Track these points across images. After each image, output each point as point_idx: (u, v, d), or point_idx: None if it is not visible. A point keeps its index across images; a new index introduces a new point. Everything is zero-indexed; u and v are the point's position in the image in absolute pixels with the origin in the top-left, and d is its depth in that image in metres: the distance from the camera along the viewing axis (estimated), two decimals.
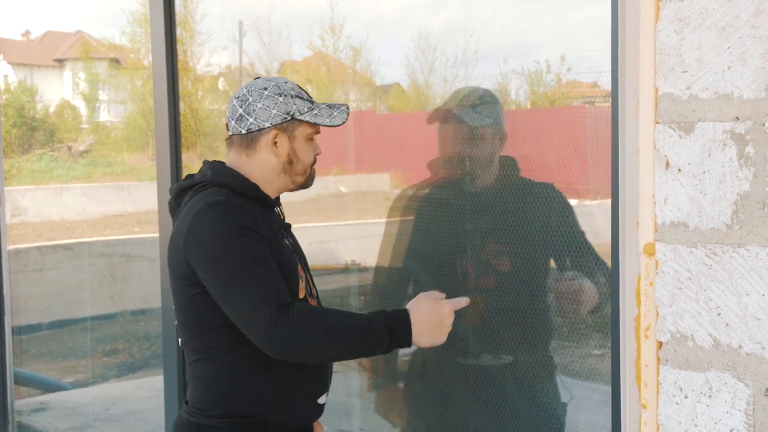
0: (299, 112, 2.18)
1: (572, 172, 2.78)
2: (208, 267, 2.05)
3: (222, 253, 2.04)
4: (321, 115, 2.19)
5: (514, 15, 2.91)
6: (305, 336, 1.98)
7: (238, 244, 2.03)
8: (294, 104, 2.18)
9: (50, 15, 5.53)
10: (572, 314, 2.46)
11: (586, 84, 2.78)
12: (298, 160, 2.22)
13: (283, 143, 2.19)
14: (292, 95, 2.19)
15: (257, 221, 2.08)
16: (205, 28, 4.05)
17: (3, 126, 5.00)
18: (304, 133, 2.21)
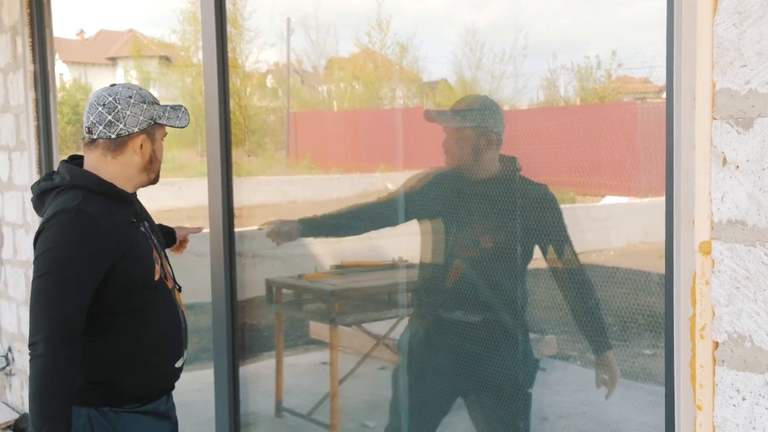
0: (159, 117, 2.48)
1: (623, 169, 2.75)
2: (35, 266, 2.34)
3: (45, 259, 2.31)
4: (171, 117, 2.50)
5: (563, 10, 2.88)
6: (39, 366, 2.25)
7: (70, 257, 2.29)
8: (154, 110, 2.47)
9: (103, 15, 5.62)
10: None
11: (638, 79, 2.73)
12: (156, 160, 2.53)
13: (147, 146, 2.48)
14: (151, 102, 2.47)
15: (104, 227, 2.33)
16: (254, 26, 4.07)
17: (59, 123, 5.10)
18: (161, 135, 2.53)
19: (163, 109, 2.49)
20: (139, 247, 2.46)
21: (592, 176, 2.85)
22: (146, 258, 2.48)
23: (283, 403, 4.04)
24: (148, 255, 2.49)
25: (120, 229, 2.41)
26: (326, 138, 4.04)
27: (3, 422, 5.34)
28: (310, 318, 4.06)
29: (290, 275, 3.89)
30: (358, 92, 3.99)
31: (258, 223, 3.58)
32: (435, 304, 3.13)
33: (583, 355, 2.93)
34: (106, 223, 2.36)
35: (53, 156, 5.02)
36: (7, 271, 5.54)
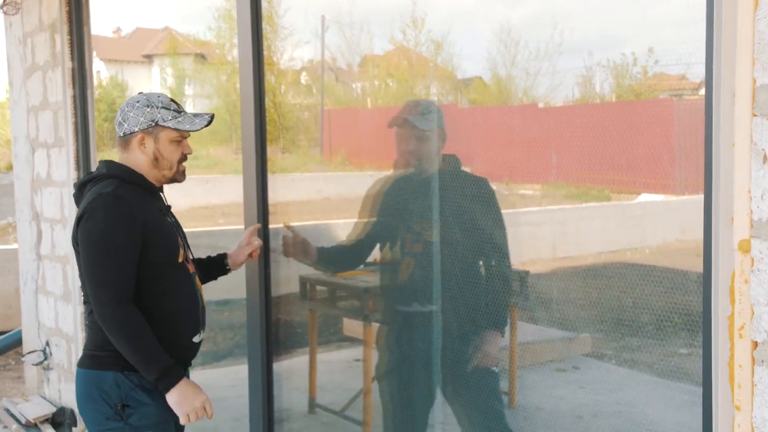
0: (163, 120, 2.81)
1: (660, 167, 2.73)
2: (83, 245, 2.73)
3: (95, 237, 2.70)
4: (183, 122, 2.82)
5: (599, 6, 2.86)
6: (117, 328, 2.68)
7: (111, 233, 2.69)
8: (159, 113, 2.81)
9: (140, 13, 5.68)
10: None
11: (674, 76, 2.71)
12: (163, 158, 2.84)
13: (149, 143, 2.83)
14: (158, 106, 2.82)
15: (135, 208, 2.73)
16: (288, 23, 4.09)
17: (95, 120, 5.16)
18: (168, 137, 2.83)
19: (175, 114, 2.82)
20: (167, 230, 2.85)
21: (627, 174, 2.84)
22: (172, 240, 2.85)
23: (317, 399, 4.05)
24: (174, 239, 2.86)
25: (150, 213, 2.79)
26: (360, 135, 4.05)
27: (41, 415, 5.42)
28: (344, 315, 4.07)
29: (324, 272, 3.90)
30: (392, 89, 4.00)
31: (292, 220, 3.60)
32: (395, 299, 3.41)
33: (618, 354, 2.91)
34: (137, 206, 2.75)
35: (90, 153, 5.08)
36: (45, 266, 5.62)
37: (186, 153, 2.89)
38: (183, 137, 2.87)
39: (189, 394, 2.73)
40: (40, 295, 5.77)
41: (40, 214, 5.64)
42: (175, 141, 2.84)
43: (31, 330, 5.98)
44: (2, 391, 7.39)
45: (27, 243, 5.92)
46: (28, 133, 5.72)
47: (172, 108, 2.84)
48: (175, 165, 2.87)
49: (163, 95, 2.92)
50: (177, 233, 2.91)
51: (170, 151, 2.85)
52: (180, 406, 2.72)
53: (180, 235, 2.93)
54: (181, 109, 2.88)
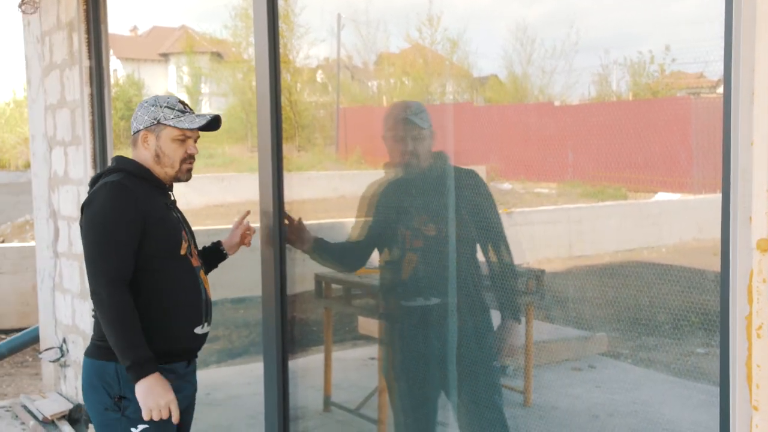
0: (164, 118, 2.90)
1: (677, 165, 2.71)
2: (84, 228, 2.85)
3: (96, 220, 2.80)
4: (183, 121, 2.90)
5: (615, 4, 2.85)
6: (107, 311, 2.75)
7: (111, 219, 2.78)
8: (161, 112, 2.91)
9: (157, 11, 5.71)
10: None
11: (692, 74, 2.70)
12: (164, 155, 2.92)
13: (151, 141, 2.92)
14: (162, 106, 2.92)
15: (139, 199, 2.82)
16: (304, 21, 4.09)
17: (112, 118, 5.19)
18: (169, 135, 2.91)
19: (178, 113, 2.90)
20: (170, 223, 2.92)
21: (644, 172, 2.83)
22: (175, 234, 2.92)
23: (332, 397, 4.06)
24: (177, 232, 2.93)
25: (154, 204, 2.88)
26: (376, 133, 4.05)
27: (58, 412, 5.45)
28: (359, 313, 4.07)
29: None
30: (408, 88, 3.99)
31: (308, 218, 3.61)
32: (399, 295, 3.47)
33: (634, 353, 2.90)
34: (141, 197, 2.84)
35: (107, 150, 5.11)
36: (62, 264, 5.65)
37: (190, 153, 2.95)
38: (186, 136, 2.92)
39: (156, 390, 2.74)
40: (57, 292, 5.80)
41: (57, 211, 5.68)
42: (177, 140, 2.91)
43: (48, 327, 6.02)
44: (20, 387, 7.44)
45: (44, 241, 5.96)
46: (46, 131, 5.75)
47: (177, 108, 2.92)
48: (177, 163, 2.94)
49: (173, 97, 3.02)
50: (182, 227, 2.97)
51: (172, 149, 2.92)
52: (145, 399, 2.74)
53: (185, 230, 3.00)
54: (186, 110, 2.96)
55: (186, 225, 3.06)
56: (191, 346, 3.00)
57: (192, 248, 3.03)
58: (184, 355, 2.99)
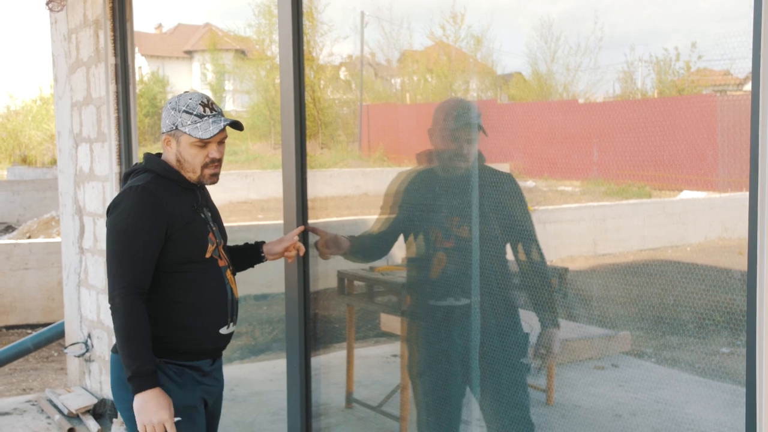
0: (181, 125, 2.86)
1: (702, 163, 2.69)
2: (107, 232, 2.85)
3: (117, 227, 2.81)
4: (199, 128, 2.84)
5: (640, 1, 2.83)
6: (119, 317, 2.75)
7: (133, 226, 2.78)
8: (179, 118, 2.87)
9: (181, 9, 5.73)
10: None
11: (718, 72, 2.67)
12: (185, 161, 2.90)
13: (173, 146, 2.91)
14: (180, 110, 2.87)
15: (164, 203, 2.81)
16: (328, 18, 4.10)
17: (137, 115, 5.22)
18: (188, 141, 2.88)
19: (196, 119, 2.85)
20: (195, 226, 2.90)
21: (669, 170, 2.81)
22: (200, 237, 2.91)
23: (354, 394, 4.07)
24: (203, 235, 2.92)
25: (179, 207, 2.87)
26: (399, 131, 4.05)
27: (82, 407, 5.50)
28: (382, 310, 4.08)
29: (362, 267, 3.92)
30: (432, 85, 3.99)
31: (330, 215, 3.62)
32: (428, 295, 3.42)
33: (657, 353, 2.88)
34: (166, 200, 2.84)
35: (132, 147, 5.14)
36: (88, 260, 5.70)
37: (212, 158, 2.91)
38: (205, 142, 2.88)
39: (151, 407, 2.72)
40: (82, 288, 5.85)
41: (82, 208, 5.72)
42: (196, 145, 2.87)
43: (74, 322, 6.08)
44: (45, 382, 7.52)
45: (70, 237, 6.01)
46: (72, 128, 5.80)
47: (195, 112, 2.86)
48: (198, 169, 2.91)
49: (196, 97, 2.94)
50: (208, 229, 2.96)
51: (191, 155, 2.89)
52: (139, 414, 2.74)
53: (213, 230, 2.98)
54: (206, 113, 2.88)
55: (216, 223, 3.05)
56: (216, 346, 3.02)
57: (220, 249, 3.01)
58: (209, 355, 3.01)
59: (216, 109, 2.94)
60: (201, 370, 2.98)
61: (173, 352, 2.92)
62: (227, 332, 3.01)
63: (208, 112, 2.89)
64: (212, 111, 2.90)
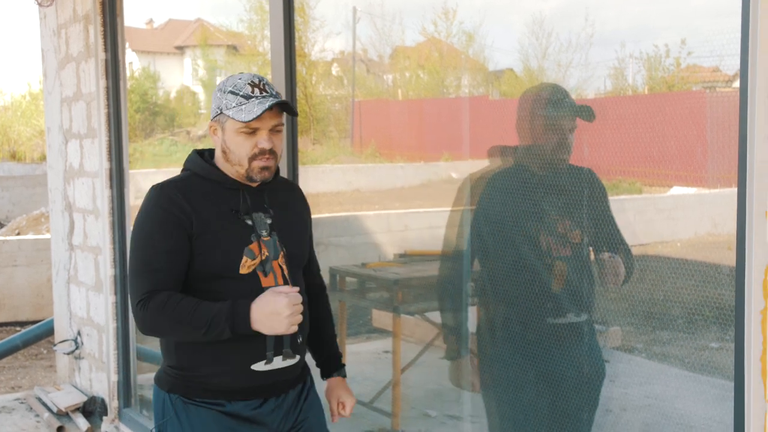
0: (226, 107, 2.36)
1: (692, 159, 2.71)
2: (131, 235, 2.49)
3: (133, 230, 2.44)
4: (243, 110, 2.34)
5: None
6: (155, 327, 2.36)
7: (147, 230, 2.39)
8: (225, 99, 2.37)
9: (172, 4, 5.72)
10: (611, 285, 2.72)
11: (707, 68, 2.69)
12: (231, 151, 2.40)
13: (219, 134, 2.42)
14: (226, 91, 2.39)
15: (190, 206, 2.36)
16: (320, 14, 4.10)
17: (128, 111, 5.20)
18: (233, 127, 2.37)
19: (242, 100, 2.35)
20: (228, 235, 2.39)
21: (659, 167, 2.82)
22: (232, 248, 2.38)
23: None
24: (236, 245, 2.39)
25: (210, 211, 2.40)
26: (391, 127, 4.06)
27: (72, 404, 5.48)
28: (374, 306, 4.08)
29: (354, 263, 3.92)
30: (424, 81, 3.99)
31: (323, 211, 3.61)
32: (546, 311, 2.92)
33: (648, 348, 2.90)
34: (193, 201, 2.38)
35: (123, 143, 5.12)
36: (77, 257, 5.69)
37: (261, 148, 2.37)
38: (252, 128, 2.36)
39: (266, 313, 2.26)
40: (71, 285, 5.84)
41: (72, 204, 5.71)
42: (242, 132, 2.36)
43: (63, 319, 6.06)
44: (34, 379, 7.49)
45: (59, 233, 5.99)
46: (62, 123, 5.78)
47: (242, 92, 2.36)
48: (244, 160, 2.38)
49: (246, 76, 2.44)
50: (250, 239, 2.41)
51: (236, 144, 2.38)
52: (273, 328, 2.28)
53: (261, 241, 2.43)
54: (254, 93, 2.37)
55: (263, 230, 2.45)
56: (252, 384, 2.42)
57: (275, 266, 2.45)
58: (244, 394, 2.43)
59: (269, 90, 2.39)
60: (237, 416, 2.44)
61: (193, 389, 2.43)
62: (263, 369, 2.40)
63: (257, 93, 2.36)
64: (262, 92, 2.37)
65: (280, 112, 2.41)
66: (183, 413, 2.42)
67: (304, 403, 2.57)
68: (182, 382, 2.44)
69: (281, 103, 2.38)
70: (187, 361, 2.41)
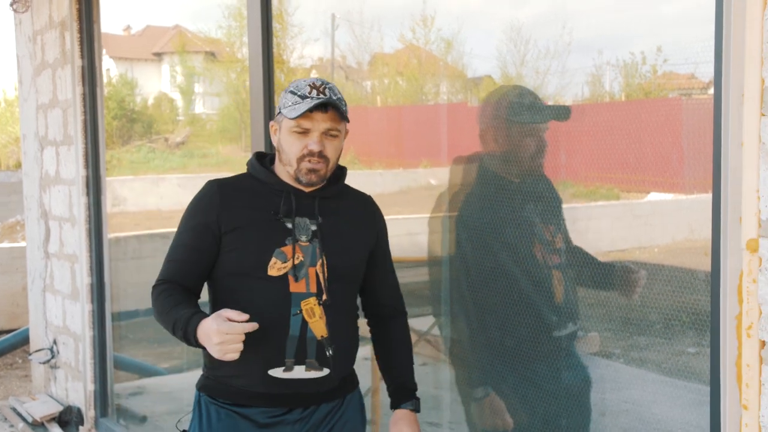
0: (283, 106, 2.37)
1: (668, 166, 2.73)
2: None
3: (182, 216, 2.47)
4: (294, 109, 2.32)
5: (607, 6, 2.87)
6: (153, 313, 2.40)
7: (184, 220, 2.45)
8: (284, 99, 2.38)
9: (150, 10, 5.69)
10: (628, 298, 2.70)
11: (683, 75, 2.71)
12: (283, 150, 2.40)
13: (277, 135, 2.42)
14: (288, 90, 2.38)
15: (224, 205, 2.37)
16: (298, 21, 4.10)
17: (105, 118, 5.18)
18: (287, 126, 2.36)
19: (296, 99, 2.33)
20: (262, 233, 2.36)
21: (636, 173, 2.83)
22: (261, 247, 2.35)
23: None
24: (267, 245, 2.35)
25: (249, 209, 2.39)
26: (369, 133, 4.06)
27: (47, 414, 5.44)
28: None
29: None
30: (402, 88, 4.00)
31: None
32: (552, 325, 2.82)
33: (626, 353, 2.91)
34: (235, 199, 2.40)
35: (100, 150, 5.10)
36: (53, 265, 5.64)
37: (311, 149, 2.34)
38: (304, 128, 2.34)
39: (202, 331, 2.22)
40: (47, 293, 5.79)
41: (48, 212, 5.66)
42: (294, 132, 2.34)
43: (39, 328, 6.00)
44: (9, 389, 7.41)
45: (35, 241, 5.94)
46: (38, 130, 5.74)
47: (300, 92, 2.33)
48: (293, 161, 2.36)
49: (312, 79, 2.41)
50: (285, 241, 2.36)
51: (288, 143, 2.36)
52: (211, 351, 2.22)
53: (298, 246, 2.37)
54: (311, 94, 2.33)
55: (302, 235, 2.38)
56: (269, 391, 2.39)
57: (311, 273, 2.38)
58: (264, 400, 2.40)
59: (328, 93, 2.34)
60: (254, 420, 2.41)
61: (216, 390, 2.44)
62: (282, 376, 2.36)
63: (313, 94, 2.32)
64: (320, 94, 2.33)
65: (336, 117, 2.37)
66: (205, 412, 2.45)
67: (337, 422, 2.50)
68: (210, 382, 2.47)
69: (331, 105, 2.33)
70: (214, 361, 2.37)
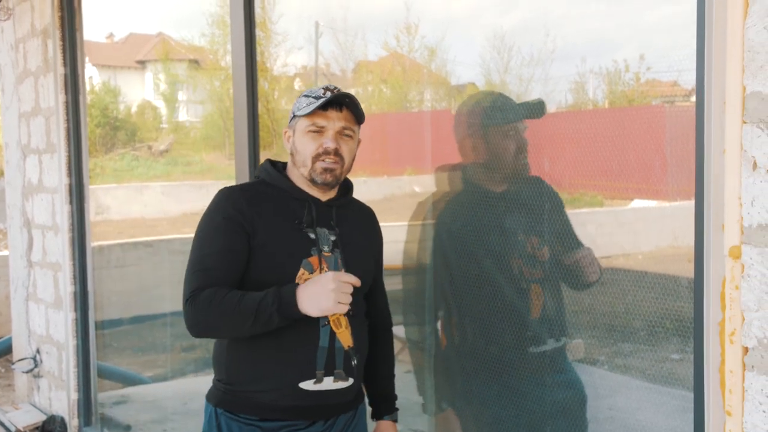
0: (298, 109, 2.38)
1: (652, 173, 2.73)
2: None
3: (196, 231, 2.38)
4: (308, 106, 2.34)
5: (590, 14, 2.88)
6: (202, 322, 2.25)
7: (206, 229, 2.35)
8: (298, 103, 2.40)
9: (133, 18, 5.67)
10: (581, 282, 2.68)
11: (666, 83, 2.72)
12: (297, 152, 2.40)
13: (291, 139, 2.43)
14: (302, 95, 2.40)
15: (245, 213, 2.32)
16: (282, 29, 4.10)
17: (88, 126, 5.15)
18: (302, 127, 2.37)
19: (310, 101, 2.35)
20: (285, 242, 2.34)
21: (620, 180, 2.84)
22: (290, 257, 2.34)
23: None
24: (295, 256, 2.34)
25: (271, 216, 2.36)
26: None
27: (30, 424, 5.39)
28: None
29: None
30: (386, 96, 4.00)
31: None
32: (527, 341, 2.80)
33: (610, 360, 2.91)
34: (255, 206, 2.36)
35: (83, 158, 5.07)
36: (36, 274, 5.60)
37: (325, 148, 2.34)
38: (319, 127, 2.35)
39: (312, 292, 2.19)
40: (30, 302, 5.74)
41: (31, 220, 5.62)
42: (310, 131, 2.35)
43: (22, 337, 5.96)
44: None
45: (18, 250, 5.90)
46: (20, 139, 5.70)
47: (314, 95, 2.35)
48: (308, 160, 2.36)
49: (327, 85, 2.42)
50: (310, 251, 2.36)
51: (303, 144, 2.37)
52: (320, 306, 2.19)
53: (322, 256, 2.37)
54: (324, 96, 2.35)
55: (325, 245, 2.39)
56: (296, 404, 2.35)
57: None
58: (290, 414, 2.36)
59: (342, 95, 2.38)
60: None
61: (238, 405, 2.38)
62: (314, 388, 2.33)
63: (327, 95, 2.34)
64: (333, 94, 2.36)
65: (351, 118, 2.39)
66: (225, 428, 2.39)
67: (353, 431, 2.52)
68: (230, 397, 2.40)
69: (346, 105, 2.36)
70: (236, 375, 2.37)
